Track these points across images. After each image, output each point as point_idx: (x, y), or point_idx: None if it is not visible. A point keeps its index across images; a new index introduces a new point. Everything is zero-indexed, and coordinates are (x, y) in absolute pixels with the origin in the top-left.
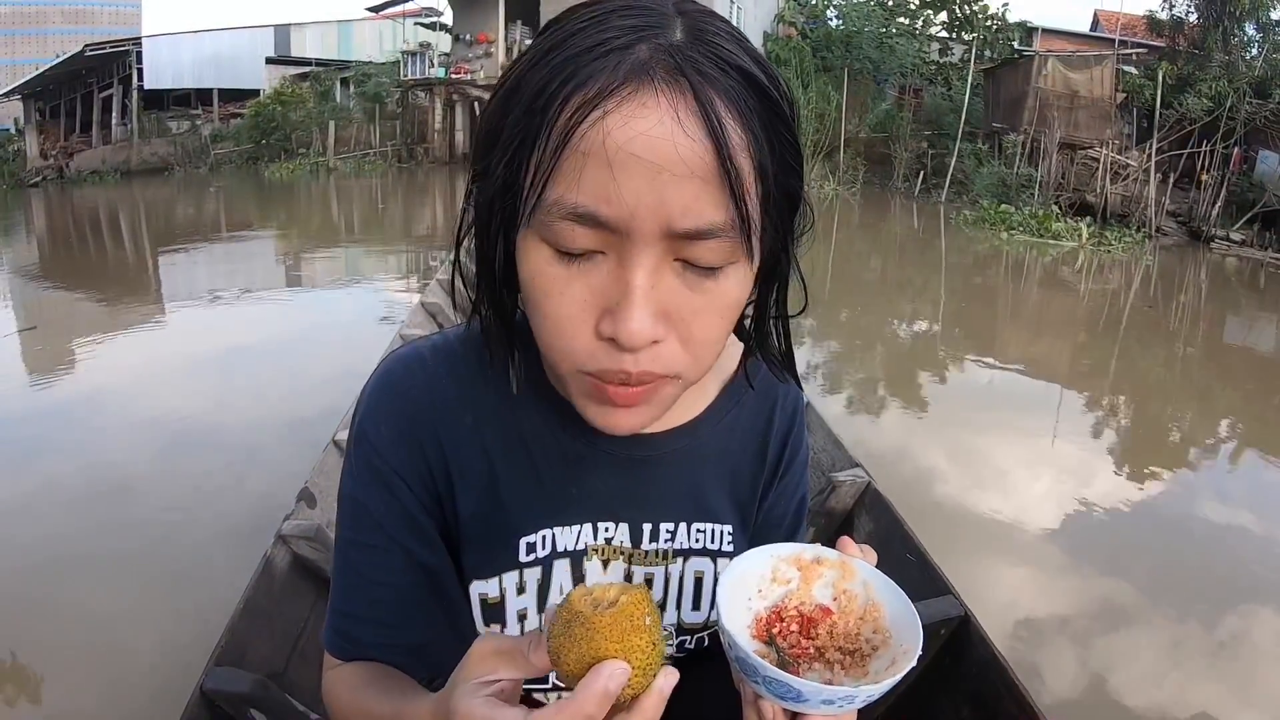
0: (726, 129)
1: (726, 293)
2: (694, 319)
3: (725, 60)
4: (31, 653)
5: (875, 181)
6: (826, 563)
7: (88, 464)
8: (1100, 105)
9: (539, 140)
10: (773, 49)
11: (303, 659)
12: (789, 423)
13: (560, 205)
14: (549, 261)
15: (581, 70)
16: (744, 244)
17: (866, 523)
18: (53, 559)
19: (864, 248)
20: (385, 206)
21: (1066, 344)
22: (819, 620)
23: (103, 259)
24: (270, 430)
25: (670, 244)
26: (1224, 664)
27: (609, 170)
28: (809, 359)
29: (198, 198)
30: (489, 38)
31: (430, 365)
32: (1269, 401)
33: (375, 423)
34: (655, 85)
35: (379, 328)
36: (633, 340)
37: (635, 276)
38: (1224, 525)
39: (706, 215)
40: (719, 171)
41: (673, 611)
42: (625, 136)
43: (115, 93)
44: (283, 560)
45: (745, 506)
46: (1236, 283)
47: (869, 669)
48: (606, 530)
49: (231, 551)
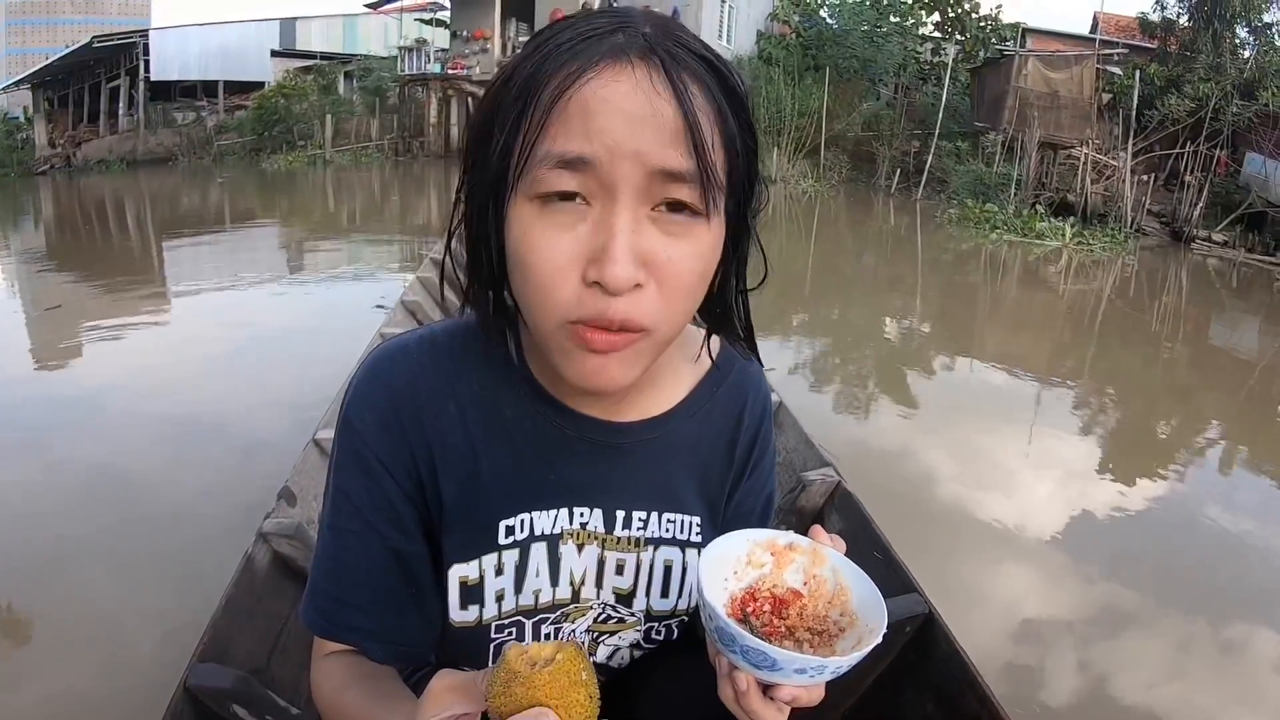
0: (694, 96)
1: (698, 246)
2: (670, 266)
3: (689, 48)
4: (14, 645)
5: (861, 179)
6: (798, 549)
7: (85, 452)
8: (1080, 105)
9: (528, 113)
10: (765, 47)
11: (284, 655)
12: (758, 422)
13: (548, 156)
14: (536, 217)
15: (565, 54)
16: (708, 200)
17: (836, 521)
18: (41, 545)
19: (844, 245)
20: (382, 199)
21: (1046, 342)
22: (790, 602)
23: (109, 247)
24: (262, 423)
25: (648, 191)
26: (1194, 664)
27: (591, 119)
28: (792, 358)
29: (202, 188)
30: (485, 34)
31: (415, 356)
32: (1233, 399)
33: (360, 411)
34: (630, 58)
35: (370, 318)
36: (617, 282)
37: (618, 222)
38: (1219, 527)
39: (680, 161)
40: (685, 128)
41: (642, 598)
42: (606, 94)
43: (122, 83)
44: (263, 558)
45: (714, 500)
46: (1217, 283)
47: (836, 648)
48: (581, 515)
49: (222, 545)
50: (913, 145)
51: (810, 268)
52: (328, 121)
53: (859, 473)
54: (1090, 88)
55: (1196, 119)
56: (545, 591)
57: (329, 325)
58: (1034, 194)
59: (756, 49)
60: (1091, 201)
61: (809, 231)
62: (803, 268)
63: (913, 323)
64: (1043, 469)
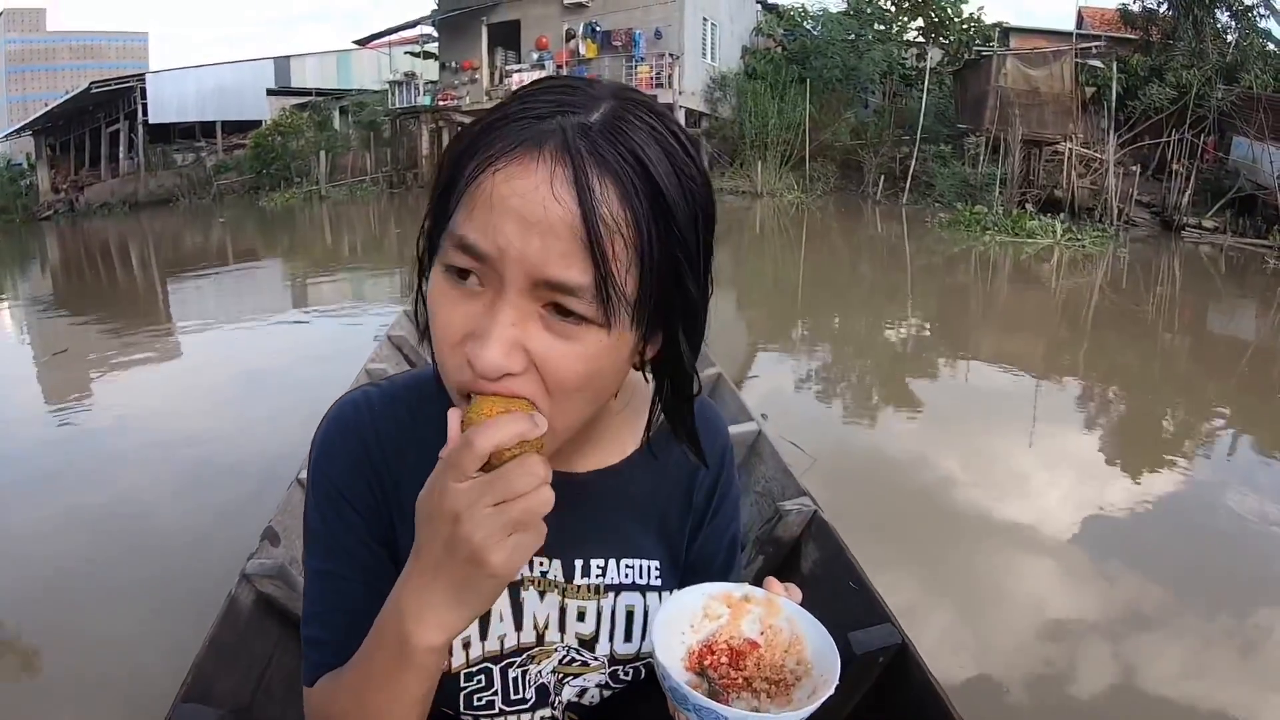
0: (598, 203)
1: (587, 351)
2: (551, 364)
3: (627, 149)
4: (6, 682)
5: (850, 188)
6: (754, 600)
7: (89, 496)
8: (1062, 100)
9: (456, 185)
10: (750, 62)
11: (268, 694)
12: (717, 468)
13: (453, 235)
14: (444, 284)
15: (496, 134)
16: (606, 311)
17: (813, 551)
18: (36, 583)
19: (831, 256)
20: (379, 232)
21: (1050, 340)
22: (747, 653)
23: (114, 290)
24: (252, 463)
25: (537, 291)
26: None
27: (489, 213)
28: (785, 381)
29: (204, 228)
30: (474, 64)
31: (376, 407)
32: (1232, 384)
33: (329, 457)
34: (541, 153)
35: (362, 352)
36: (482, 366)
37: (499, 311)
38: (1214, 529)
39: (568, 274)
40: (584, 238)
41: (605, 643)
42: (506, 191)
43: (122, 127)
44: (247, 598)
45: (674, 545)
46: (1210, 269)
47: (792, 697)
48: (541, 564)
49: (212, 586)
50: (900, 151)
51: (800, 280)
52: (322, 158)
53: (864, 487)
54: (1070, 83)
55: (1180, 106)
56: (510, 636)
57: (330, 360)
58: (1020, 192)
59: (742, 64)
60: (1079, 196)
61: (797, 242)
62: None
63: (911, 329)
64: (1057, 467)
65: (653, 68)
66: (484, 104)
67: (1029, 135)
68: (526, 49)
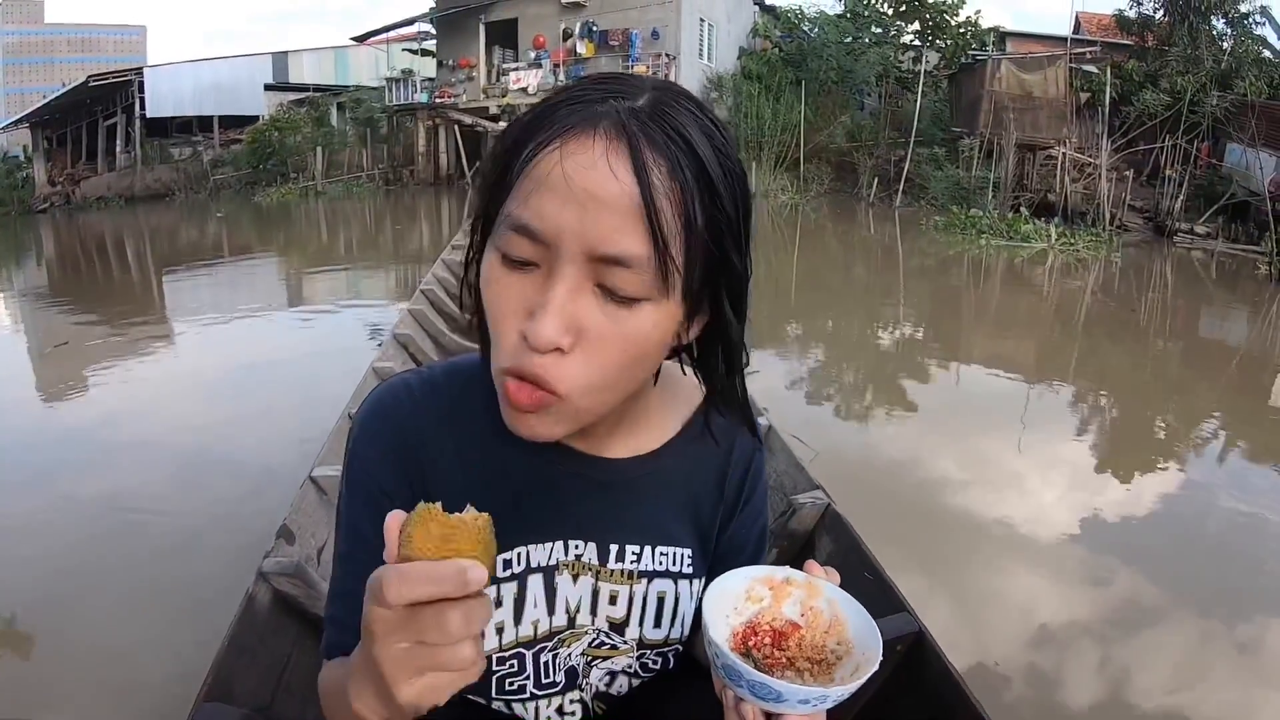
0: (652, 176)
1: (638, 327)
2: (600, 341)
3: (674, 129)
4: (21, 685)
5: (845, 190)
6: (795, 583)
7: (92, 488)
8: (1056, 105)
9: (510, 172)
10: (747, 64)
11: (288, 693)
12: (748, 459)
13: (509, 219)
14: (498, 268)
15: (547, 120)
16: (660, 282)
17: (827, 543)
18: (47, 581)
19: (821, 257)
20: (375, 229)
21: (1044, 345)
22: (789, 634)
23: (113, 283)
24: (267, 455)
25: (592, 267)
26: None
27: (546, 193)
28: (787, 374)
29: (200, 223)
30: (471, 62)
31: (416, 394)
32: (1224, 387)
33: (365, 444)
34: (598, 131)
35: (367, 348)
36: (537, 339)
37: (555, 287)
38: (1231, 528)
39: (624, 245)
40: (641, 209)
41: (635, 628)
42: (565, 169)
43: (119, 121)
44: (264, 597)
45: (705, 533)
46: (1202, 273)
47: (835, 676)
48: (576, 548)
49: (226, 579)
50: (895, 154)
51: (794, 280)
52: (319, 154)
53: (863, 484)
54: (1063, 87)
55: (1174, 112)
56: (543, 621)
57: (327, 355)
58: (1014, 196)
59: (739, 66)
60: (1072, 200)
61: (790, 243)
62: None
63: (906, 333)
64: (1051, 469)
65: (649, 68)
66: (481, 102)
67: (1023, 139)
68: (524, 48)
